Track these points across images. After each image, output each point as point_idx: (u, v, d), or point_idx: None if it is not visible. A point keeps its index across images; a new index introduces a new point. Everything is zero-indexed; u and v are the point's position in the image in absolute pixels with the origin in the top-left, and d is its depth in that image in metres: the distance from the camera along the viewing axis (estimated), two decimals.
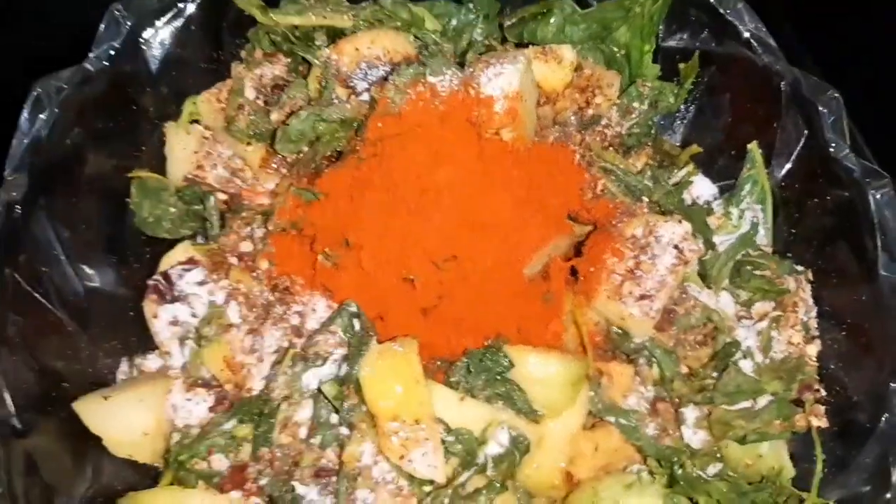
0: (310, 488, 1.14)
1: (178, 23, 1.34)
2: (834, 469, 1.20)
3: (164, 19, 1.32)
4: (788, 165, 1.37)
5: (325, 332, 1.18)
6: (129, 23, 1.27)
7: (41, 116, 1.19)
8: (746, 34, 1.34)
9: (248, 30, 1.42)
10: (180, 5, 1.34)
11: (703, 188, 1.47)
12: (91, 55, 1.25)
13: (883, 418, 1.14)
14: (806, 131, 1.32)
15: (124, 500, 1.17)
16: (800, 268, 1.34)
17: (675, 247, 1.25)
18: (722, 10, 1.36)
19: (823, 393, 1.26)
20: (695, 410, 1.25)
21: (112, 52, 1.26)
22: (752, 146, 1.40)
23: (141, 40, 1.31)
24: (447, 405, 1.14)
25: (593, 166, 1.34)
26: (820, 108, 1.28)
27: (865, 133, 1.31)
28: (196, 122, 1.41)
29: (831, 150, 1.26)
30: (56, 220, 1.23)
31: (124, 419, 1.21)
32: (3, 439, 1.07)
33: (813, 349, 1.28)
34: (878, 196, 1.20)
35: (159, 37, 1.33)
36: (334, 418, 1.15)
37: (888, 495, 1.10)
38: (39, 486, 1.12)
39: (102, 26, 1.27)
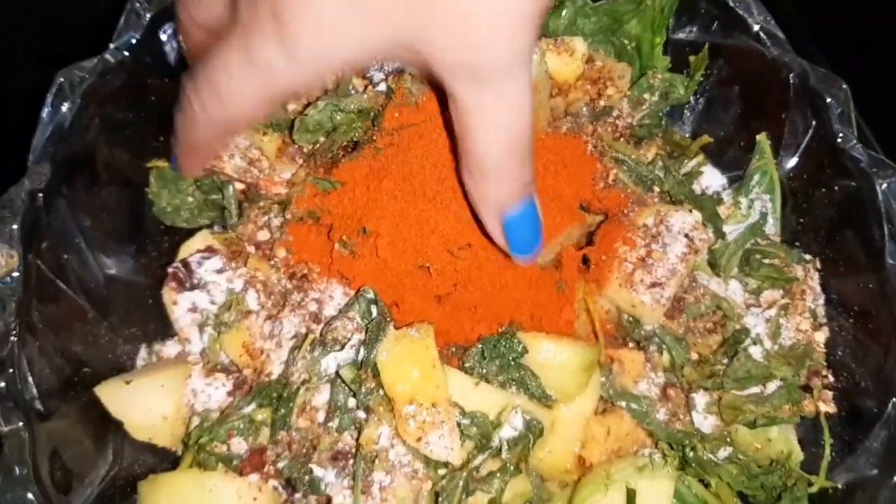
0: (327, 471, 1.16)
1: None
2: (842, 453, 1.22)
3: None
4: (796, 156, 1.39)
5: (343, 318, 1.20)
6: (148, 15, 1.29)
7: (64, 106, 1.21)
8: (756, 27, 1.36)
9: None
10: None
11: (712, 179, 1.49)
12: (111, 46, 1.27)
13: (890, 403, 1.16)
14: (814, 122, 1.33)
15: (146, 482, 1.18)
16: (808, 256, 1.36)
17: (686, 236, 1.27)
18: (731, 3, 1.37)
19: (831, 379, 1.27)
20: (705, 396, 1.26)
21: (132, 43, 1.28)
22: (761, 137, 1.42)
23: (160, 32, 1.32)
24: (462, 390, 1.16)
25: (605, 157, 1.36)
26: (828, 100, 1.30)
27: (870, 124, 1.33)
28: None
29: (839, 140, 1.28)
30: (77, 209, 1.25)
31: (145, 403, 1.23)
32: (28, 423, 1.08)
33: (821, 336, 1.30)
34: (884, 186, 1.22)
35: (177, 29, 1.34)
36: (351, 402, 1.17)
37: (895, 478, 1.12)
38: (62, 469, 1.14)
39: (122, 19, 1.28)
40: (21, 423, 1.07)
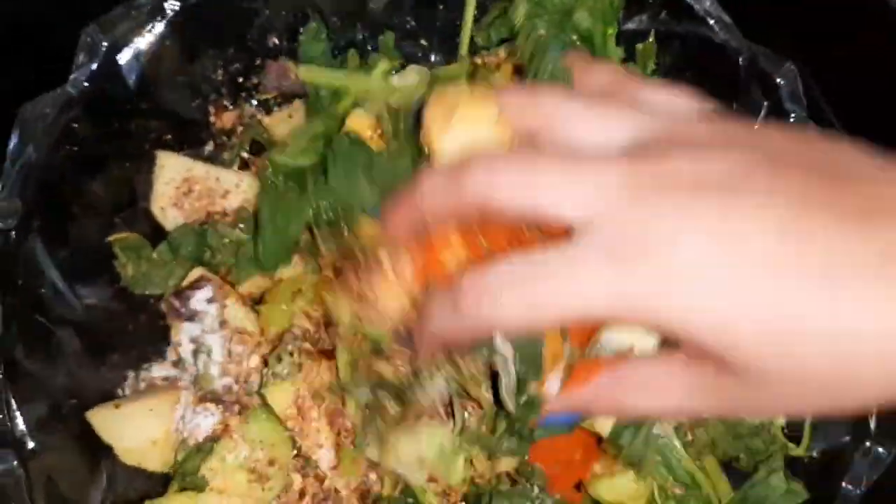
0: None
1: (152, 39, 1.34)
2: (817, 421, 1.26)
3: (138, 37, 1.33)
4: None
5: None
6: (104, 44, 1.29)
7: (29, 141, 1.20)
8: (703, 14, 1.38)
9: (223, 43, 1.44)
10: (150, 25, 1.33)
11: None
12: (71, 77, 1.27)
13: None
14: (766, 103, 1.37)
15: None
16: None
17: None
18: None
19: None
20: None
21: (91, 73, 1.27)
22: None
23: (118, 58, 1.31)
24: None
25: None
26: (777, 80, 1.33)
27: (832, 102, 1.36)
28: None
29: (791, 118, 1.32)
30: (50, 242, 1.25)
31: (134, 428, 1.25)
32: (21, 459, 1.10)
33: None
34: None
35: (135, 54, 1.33)
36: None
37: (867, 443, 1.17)
38: (59, 500, 1.16)
39: (79, 50, 1.28)
40: (15, 463, 1.09)
